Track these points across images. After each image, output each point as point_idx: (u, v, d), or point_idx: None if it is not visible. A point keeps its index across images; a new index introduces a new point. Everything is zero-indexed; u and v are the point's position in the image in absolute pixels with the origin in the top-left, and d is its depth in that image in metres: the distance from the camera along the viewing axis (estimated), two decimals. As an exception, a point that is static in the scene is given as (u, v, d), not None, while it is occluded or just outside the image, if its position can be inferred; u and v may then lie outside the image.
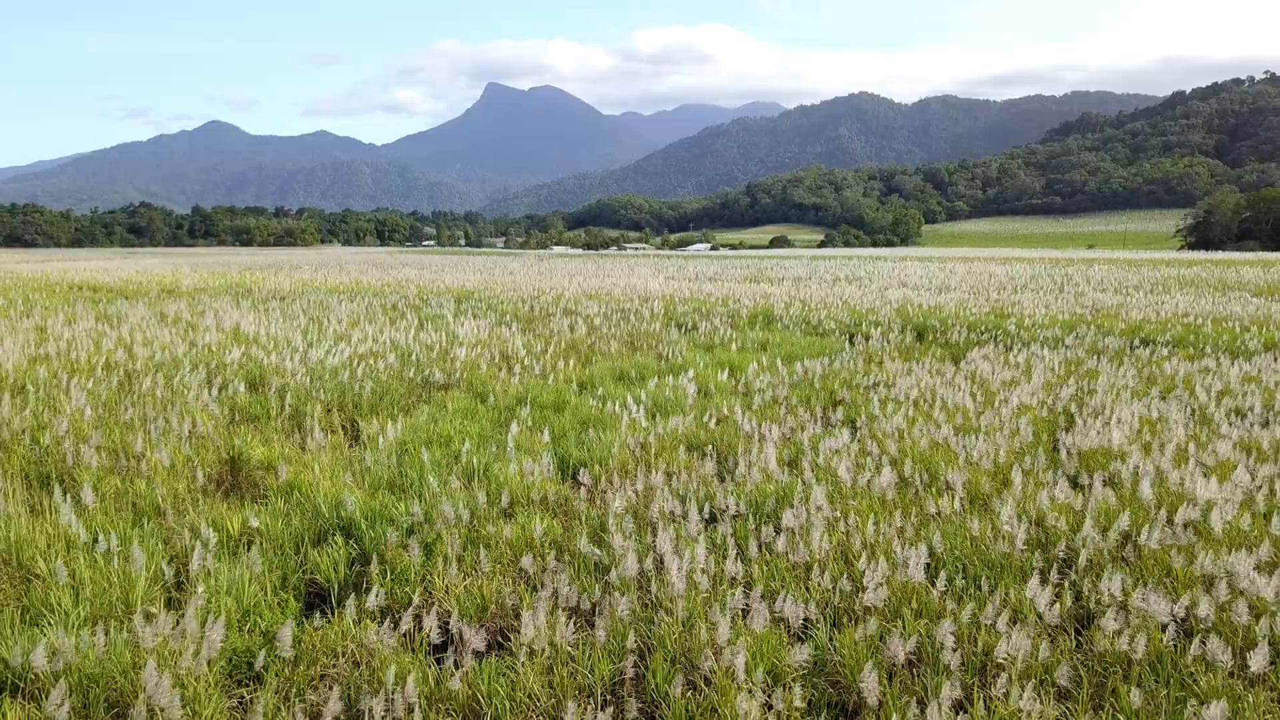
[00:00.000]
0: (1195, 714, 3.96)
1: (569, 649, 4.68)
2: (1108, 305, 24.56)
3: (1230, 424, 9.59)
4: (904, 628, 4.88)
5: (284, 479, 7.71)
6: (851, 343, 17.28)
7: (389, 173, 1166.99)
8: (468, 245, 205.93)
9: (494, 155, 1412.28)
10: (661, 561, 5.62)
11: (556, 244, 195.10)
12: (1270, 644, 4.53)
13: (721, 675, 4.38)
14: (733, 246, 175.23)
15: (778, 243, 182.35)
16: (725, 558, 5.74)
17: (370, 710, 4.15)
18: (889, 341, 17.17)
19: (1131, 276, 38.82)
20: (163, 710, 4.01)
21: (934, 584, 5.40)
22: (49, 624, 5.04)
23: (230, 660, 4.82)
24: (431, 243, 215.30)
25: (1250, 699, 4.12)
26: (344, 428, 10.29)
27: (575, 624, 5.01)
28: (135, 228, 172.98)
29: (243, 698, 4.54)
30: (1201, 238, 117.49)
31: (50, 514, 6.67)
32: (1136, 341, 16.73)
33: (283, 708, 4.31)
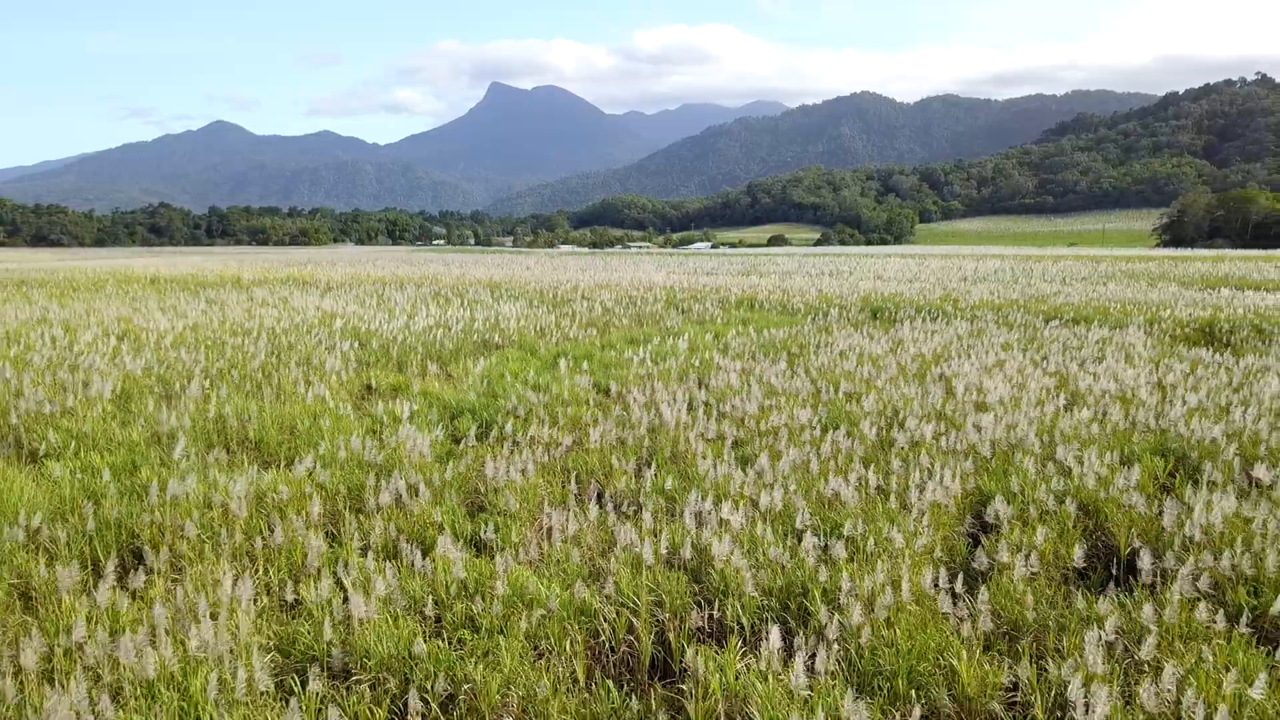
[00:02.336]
0: (918, 464, 8.22)
1: (612, 446, 8.96)
2: (1045, 293, 28.77)
3: (1055, 363, 13.83)
4: (786, 432, 9.18)
5: (417, 390, 12.03)
6: (815, 320, 21.52)
7: (392, 172, 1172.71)
8: (477, 244, 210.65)
9: (496, 155, 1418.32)
10: (661, 417, 9.90)
11: (563, 243, 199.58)
12: (970, 442, 8.80)
13: (690, 455, 8.64)
14: (732, 245, 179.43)
15: (775, 241, 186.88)
16: (696, 416, 10.01)
17: (506, 477, 8.38)
18: (845, 318, 21.43)
19: (1085, 270, 43.01)
20: (419, 458, 8.29)
21: (812, 426, 9.67)
22: (329, 436, 9.28)
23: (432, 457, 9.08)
24: (441, 242, 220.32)
25: (963, 462, 8.38)
26: (438, 369, 14.56)
27: (615, 442, 9.26)
28: (155, 227, 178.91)
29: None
30: (1175, 236, 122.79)
31: (291, 403, 10.96)
32: (1040, 318, 20.95)
33: (469, 466, 8.54)
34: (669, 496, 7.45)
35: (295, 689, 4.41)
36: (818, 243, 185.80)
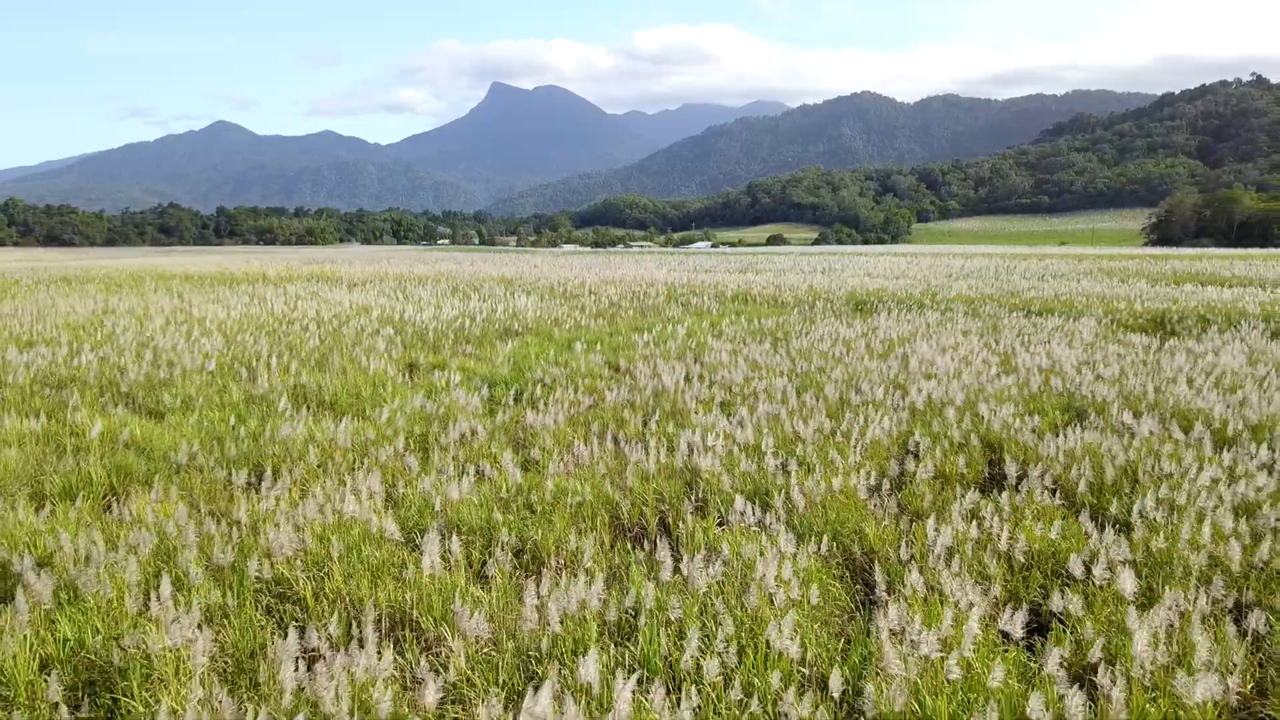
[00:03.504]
0: (867, 415, 10.35)
1: (623, 404, 11.11)
2: (1021, 288, 30.89)
3: (1005, 345, 15.96)
4: (764, 394, 11.34)
5: (455, 366, 14.18)
6: (802, 311, 23.66)
7: (394, 172, 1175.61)
8: (481, 244, 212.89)
9: (498, 155, 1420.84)
10: (662, 384, 12.05)
11: (566, 242, 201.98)
12: (911, 400, 10.94)
13: (685, 410, 10.78)
14: (732, 244, 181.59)
15: (774, 241, 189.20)
16: (692, 383, 12.16)
17: (542, 424, 10.51)
18: (830, 310, 23.57)
19: (1065, 268, 45.14)
20: (473, 411, 10.44)
21: (786, 390, 11.82)
22: (391, 398, 11.42)
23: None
24: (446, 241, 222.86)
25: (903, 413, 10.53)
26: (471, 350, 16.70)
27: (626, 402, 11.40)
28: (164, 227, 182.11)
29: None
30: (1163, 235, 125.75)
31: (352, 375, 13.12)
32: (1006, 310, 23.08)
33: (510, 419, 10.67)
34: (669, 437, 9.60)
35: (417, 540, 6.56)
36: (815, 242, 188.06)
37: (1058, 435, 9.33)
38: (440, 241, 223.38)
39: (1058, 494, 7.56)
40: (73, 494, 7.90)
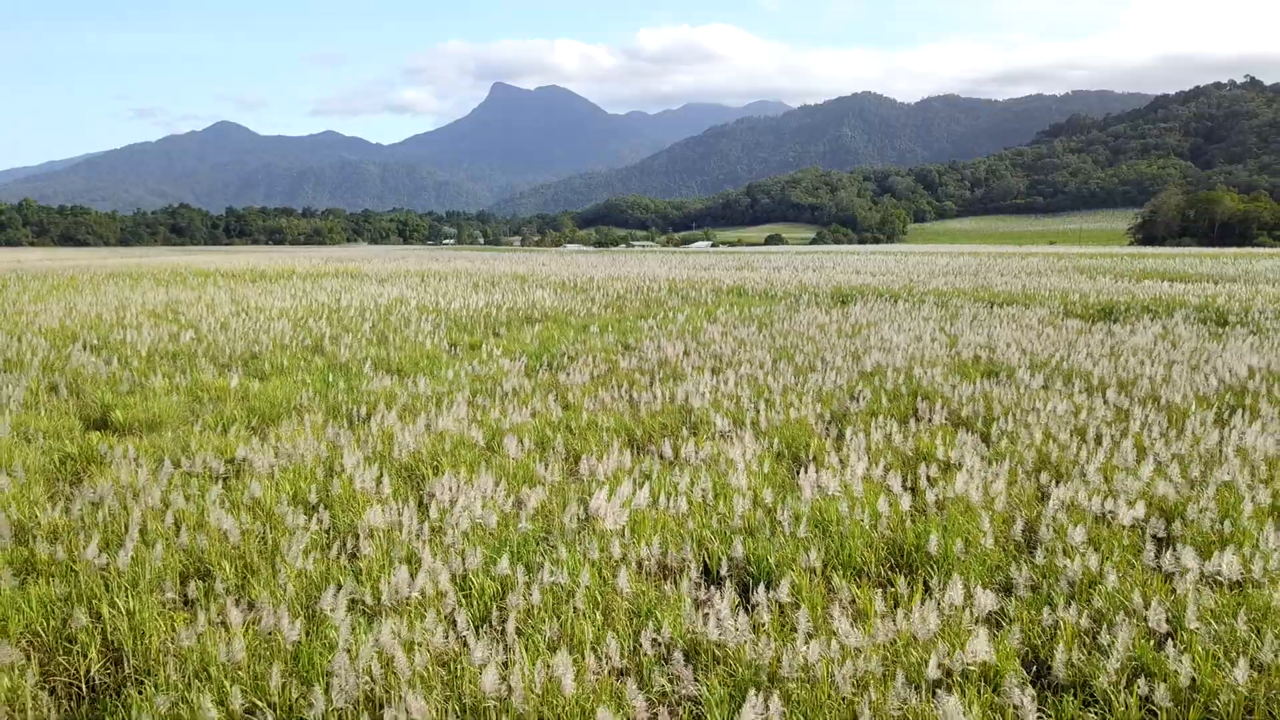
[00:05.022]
0: (826, 376, 13.19)
1: (636, 367, 13.95)
2: (993, 283, 33.68)
3: (957, 329, 18.77)
4: (747, 362, 14.19)
5: (492, 343, 17.04)
6: (789, 303, 26.48)
7: (397, 173, 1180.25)
8: (487, 244, 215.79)
9: (500, 155, 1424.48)
10: (665, 355, 14.89)
11: (570, 242, 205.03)
12: (863, 366, 13.77)
13: (683, 373, 13.62)
14: (732, 244, 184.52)
15: (772, 240, 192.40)
16: (689, 355, 14.99)
17: (572, 382, 13.33)
18: (814, 302, 26.40)
19: (1043, 265, 47.95)
20: (516, 375, 13.29)
21: (764, 360, 14.66)
22: (448, 366, 14.23)
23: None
24: (451, 241, 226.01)
25: (853, 374, 13.37)
26: (504, 332, 19.54)
27: (635, 368, 14.21)
28: (176, 227, 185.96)
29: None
30: (1148, 235, 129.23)
31: (409, 349, 15.96)
32: (971, 301, 25.87)
33: (545, 380, 13.49)
34: (670, 390, 12.44)
35: (495, 447, 9.38)
36: (813, 242, 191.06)
37: (968, 386, 12.16)
38: (446, 241, 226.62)
39: (957, 425, 10.39)
40: (226, 427, 10.73)
